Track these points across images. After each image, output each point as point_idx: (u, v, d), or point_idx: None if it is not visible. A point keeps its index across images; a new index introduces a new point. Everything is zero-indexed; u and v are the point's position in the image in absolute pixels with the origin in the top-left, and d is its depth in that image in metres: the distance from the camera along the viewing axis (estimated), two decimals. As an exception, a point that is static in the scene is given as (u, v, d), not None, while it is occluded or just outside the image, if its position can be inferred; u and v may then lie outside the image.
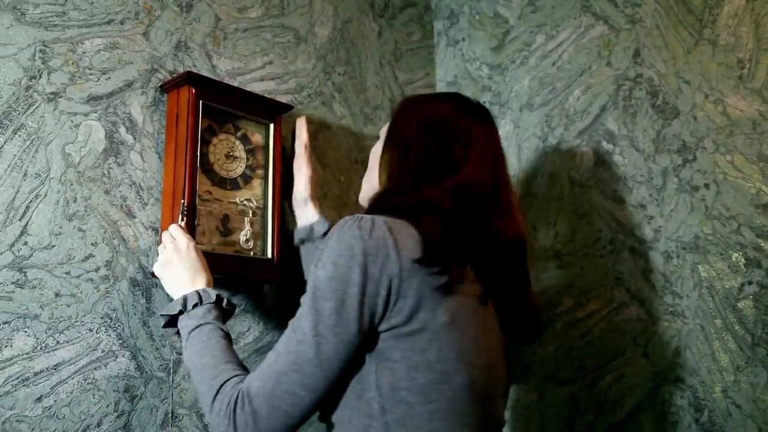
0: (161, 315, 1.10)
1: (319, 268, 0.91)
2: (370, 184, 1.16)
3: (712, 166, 1.46)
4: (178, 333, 1.11)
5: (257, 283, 1.44)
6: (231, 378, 0.93)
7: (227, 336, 1.04)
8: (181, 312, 1.07)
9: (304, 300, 0.92)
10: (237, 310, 1.38)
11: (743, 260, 1.40)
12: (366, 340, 0.91)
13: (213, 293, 1.10)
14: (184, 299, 1.08)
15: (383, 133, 1.14)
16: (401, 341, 0.90)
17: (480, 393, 0.94)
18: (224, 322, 1.08)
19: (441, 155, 1.03)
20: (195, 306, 1.07)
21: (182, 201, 1.22)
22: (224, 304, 1.10)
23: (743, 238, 1.40)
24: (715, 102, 1.47)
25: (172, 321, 1.10)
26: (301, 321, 0.90)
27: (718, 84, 1.47)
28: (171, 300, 1.21)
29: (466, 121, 1.06)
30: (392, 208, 0.97)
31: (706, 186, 1.46)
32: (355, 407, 0.92)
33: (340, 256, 0.89)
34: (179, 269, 1.13)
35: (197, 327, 1.03)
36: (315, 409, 0.91)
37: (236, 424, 0.88)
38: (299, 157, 1.44)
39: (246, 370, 0.97)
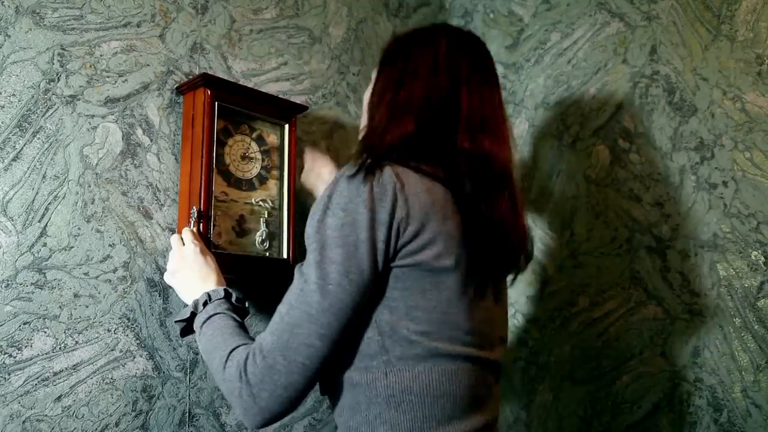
0: (176, 322, 1.10)
1: (327, 216, 0.89)
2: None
3: (730, 164, 1.44)
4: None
5: (273, 283, 1.44)
6: (240, 345, 0.92)
7: (240, 324, 1.02)
8: (193, 314, 1.08)
9: (310, 248, 0.89)
10: (252, 311, 1.38)
11: (762, 258, 1.38)
12: (375, 283, 0.89)
13: (221, 289, 1.09)
14: (195, 303, 1.08)
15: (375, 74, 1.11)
16: (403, 280, 0.90)
17: (479, 335, 0.94)
18: (240, 318, 1.07)
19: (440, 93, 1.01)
20: (205, 304, 1.07)
21: (193, 207, 1.23)
22: (233, 299, 1.09)
23: (762, 236, 1.38)
24: (734, 99, 1.45)
25: (188, 328, 1.10)
26: (312, 270, 0.88)
27: (737, 80, 1.46)
28: (185, 305, 1.22)
29: (460, 59, 1.04)
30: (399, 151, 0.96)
31: (725, 184, 1.45)
32: (348, 346, 0.91)
33: (350, 202, 0.88)
34: (188, 275, 1.13)
35: (208, 319, 1.03)
36: (329, 359, 0.89)
37: (250, 383, 0.87)
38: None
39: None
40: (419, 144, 0.97)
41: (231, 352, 0.92)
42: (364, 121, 1.11)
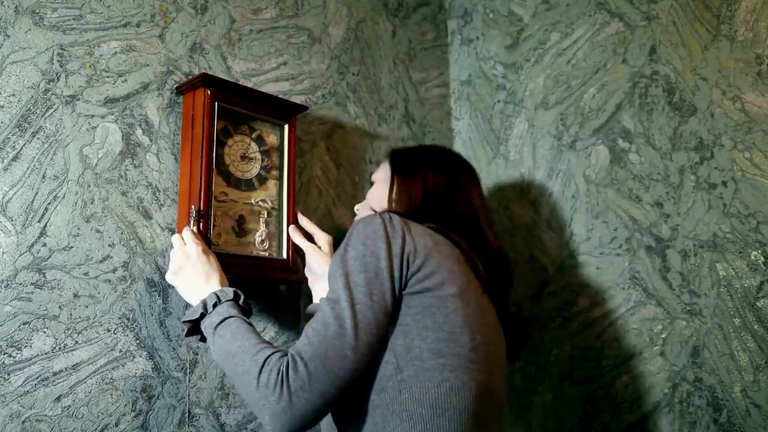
0: (183, 322, 1.11)
1: (348, 251, 1.02)
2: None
3: (729, 164, 1.44)
4: (200, 339, 1.12)
5: (272, 283, 1.44)
6: (274, 353, 0.97)
7: (253, 327, 1.06)
8: (202, 315, 1.08)
9: (336, 277, 1.01)
10: (253, 310, 1.38)
11: (762, 258, 1.38)
12: (392, 309, 1.01)
13: (230, 291, 1.11)
14: (204, 303, 1.09)
15: (382, 175, 1.32)
16: (413, 306, 1.01)
17: (482, 356, 1.04)
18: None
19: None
20: (215, 306, 1.08)
21: (192, 207, 1.23)
22: (241, 301, 1.11)
23: (762, 236, 1.39)
24: (733, 99, 1.45)
25: (193, 329, 1.11)
26: (341, 293, 0.98)
27: (736, 80, 1.46)
28: (187, 305, 1.22)
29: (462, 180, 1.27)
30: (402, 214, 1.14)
31: (724, 183, 1.45)
32: (369, 371, 1.00)
33: (368, 238, 1.02)
34: (191, 274, 1.14)
35: (222, 321, 1.05)
36: (359, 375, 0.97)
37: (290, 389, 0.92)
38: (314, 232, 1.39)
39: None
40: (419, 213, 1.18)
41: (267, 358, 0.96)
42: (374, 206, 1.29)
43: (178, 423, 1.25)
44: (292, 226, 1.38)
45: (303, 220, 1.40)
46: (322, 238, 1.36)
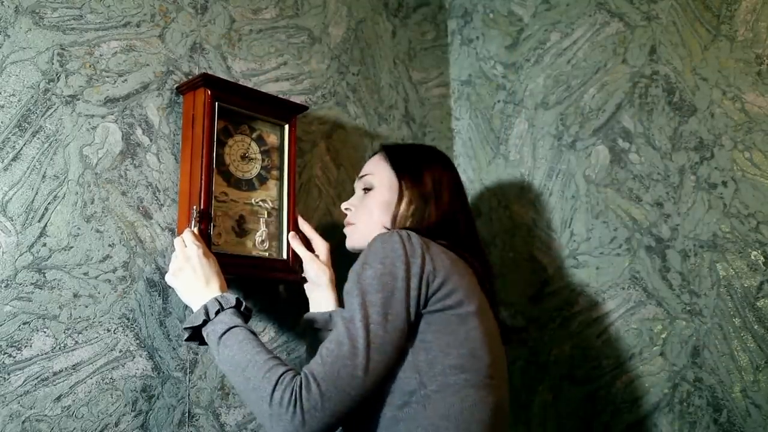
0: (185, 328, 1.11)
1: (365, 269, 1.03)
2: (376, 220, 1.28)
3: (730, 164, 1.44)
4: (199, 343, 1.12)
5: (272, 283, 1.44)
6: (287, 371, 0.99)
7: (257, 337, 1.07)
8: (205, 321, 1.09)
9: (352, 296, 1.02)
10: (253, 311, 1.38)
11: (762, 258, 1.38)
12: (409, 328, 1.03)
13: (232, 298, 1.11)
14: (205, 309, 1.09)
15: (384, 180, 1.29)
16: (434, 324, 1.04)
17: (498, 372, 1.08)
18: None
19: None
20: (217, 313, 1.08)
21: (194, 207, 1.23)
22: (242, 308, 1.12)
23: (762, 236, 1.39)
24: (733, 99, 1.46)
25: (193, 335, 1.11)
26: (356, 312, 1.00)
27: (736, 80, 1.46)
28: (185, 305, 1.22)
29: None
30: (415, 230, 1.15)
31: (724, 183, 1.45)
32: (386, 386, 1.02)
33: (386, 257, 1.03)
34: (191, 277, 1.13)
35: (227, 331, 1.06)
36: (370, 394, 0.99)
37: (303, 409, 0.94)
38: (312, 238, 1.39)
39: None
40: (433, 232, 1.19)
41: (280, 377, 0.98)
42: (376, 215, 1.28)
43: (178, 423, 1.25)
44: (291, 233, 1.38)
45: (303, 225, 1.40)
46: (320, 245, 1.36)
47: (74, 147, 1.19)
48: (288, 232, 1.39)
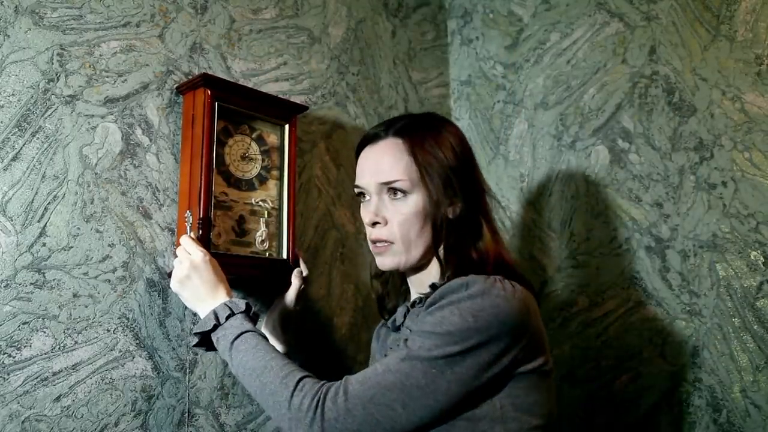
0: (194, 334, 1.11)
1: (454, 315, 0.95)
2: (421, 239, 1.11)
3: (729, 164, 1.44)
4: (207, 349, 1.12)
5: (273, 283, 1.44)
6: (306, 377, 0.99)
7: (269, 343, 1.07)
8: (215, 327, 1.09)
9: (426, 334, 0.95)
10: (259, 315, 1.38)
11: (762, 259, 1.38)
12: (488, 388, 0.96)
13: (241, 303, 1.11)
14: (215, 315, 1.09)
15: (418, 197, 1.09)
16: (522, 381, 0.98)
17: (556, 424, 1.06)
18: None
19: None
20: (228, 318, 1.08)
21: (187, 213, 1.22)
22: (252, 313, 1.12)
23: (762, 236, 1.39)
24: (733, 99, 1.46)
25: (203, 341, 1.11)
26: (420, 349, 0.94)
27: (736, 80, 1.46)
28: (185, 306, 1.22)
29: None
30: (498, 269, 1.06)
31: (724, 184, 1.45)
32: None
33: (482, 311, 0.94)
34: (198, 284, 1.13)
35: (239, 336, 1.06)
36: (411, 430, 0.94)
37: (324, 416, 0.93)
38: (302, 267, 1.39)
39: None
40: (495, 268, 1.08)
41: (299, 381, 0.97)
42: (416, 229, 1.10)
43: (177, 423, 1.25)
44: (297, 269, 1.36)
45: (302, 263, 1.40)
46: (297, 273, 1.35)
47: (74, 147, 1.19)
48: (288, 232, 1.39)
